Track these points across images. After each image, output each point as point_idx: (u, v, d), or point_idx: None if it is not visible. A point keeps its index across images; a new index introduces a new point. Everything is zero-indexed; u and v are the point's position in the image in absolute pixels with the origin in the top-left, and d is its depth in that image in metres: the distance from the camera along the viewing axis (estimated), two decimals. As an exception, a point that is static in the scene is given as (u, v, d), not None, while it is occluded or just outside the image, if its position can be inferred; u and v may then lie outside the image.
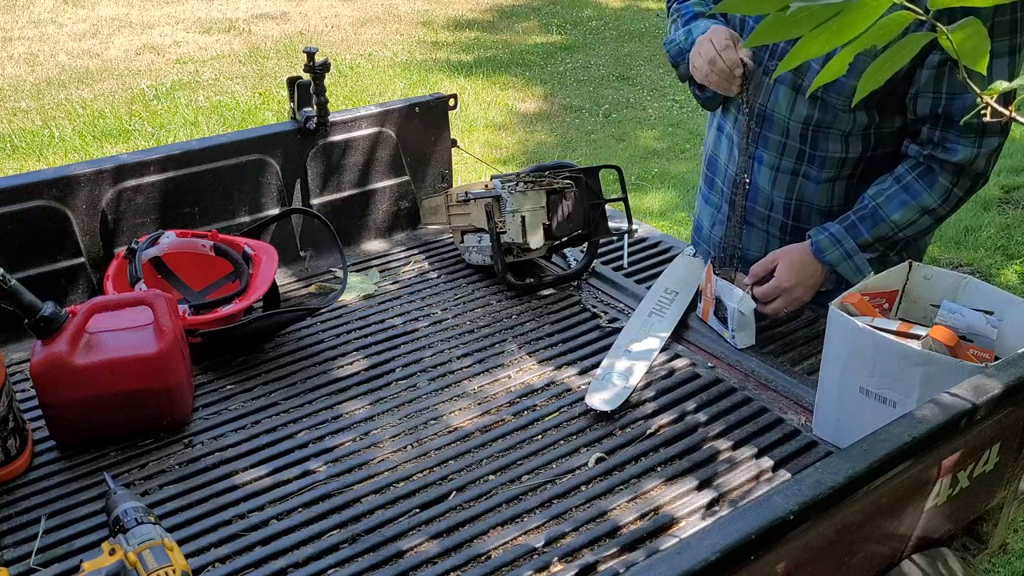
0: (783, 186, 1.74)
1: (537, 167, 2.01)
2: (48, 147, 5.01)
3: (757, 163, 1.76)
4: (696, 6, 1.82)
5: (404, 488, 1.40)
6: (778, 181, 1.74)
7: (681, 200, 4.56)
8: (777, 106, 1.67)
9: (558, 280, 2.00)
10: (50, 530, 1.34)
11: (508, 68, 6.54)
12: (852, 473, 0.97)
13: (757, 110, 1.71)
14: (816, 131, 1.65)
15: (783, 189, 1.75)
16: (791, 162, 1.71)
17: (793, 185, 1.73)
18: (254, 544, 1.30)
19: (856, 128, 1.62)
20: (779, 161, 1.72)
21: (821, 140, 1.66)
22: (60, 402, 1.46)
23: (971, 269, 3.84)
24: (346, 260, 1.95)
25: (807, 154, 1.69)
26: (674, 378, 1.64)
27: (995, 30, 1.45)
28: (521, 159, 5.02)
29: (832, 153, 1.67)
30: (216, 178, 1.99)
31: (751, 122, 1.71)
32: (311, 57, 2.02)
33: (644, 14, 8.07)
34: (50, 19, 7.46)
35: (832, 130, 1.64)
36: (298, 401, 1.62)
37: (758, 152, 1.75)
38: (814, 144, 1.67)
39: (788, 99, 1.65)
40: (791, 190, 1.74)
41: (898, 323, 1.38)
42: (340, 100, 5.64)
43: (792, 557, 0.99)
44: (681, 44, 1.76)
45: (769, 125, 1.71)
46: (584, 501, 1.35)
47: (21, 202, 1.78)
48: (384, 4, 8.13)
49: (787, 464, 1.43)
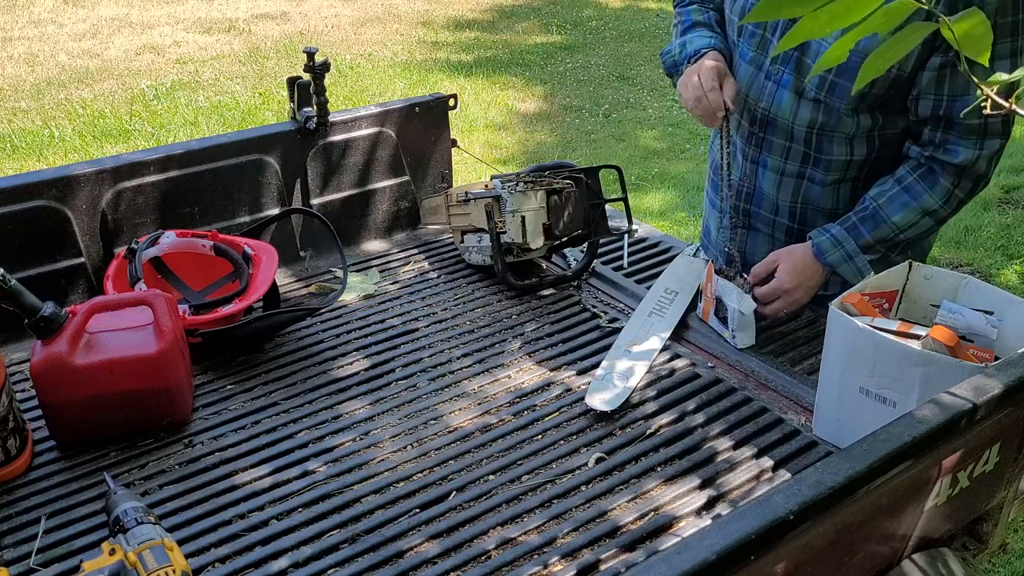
0: (788, 190, 1.74)
1: (537, 167, 2.01)
2: (48, 147, 5.01)
3: (761, 167, 1.75)
4: (695, 13, 1.83)
5: (404, 488, 1.40)
6: (783, 185, 1.74)
7: (681, 200, 4.56)
8: (781, 110, 1.67)
9: (558, 280, 2.00)
10: (50, 530, 1.33)
11: (508, 68, 6.54)
12: (852, 473, 0.97)
13: (760, 115, 1.70)
14: (820, 135, 1.65)
15: (788, 193, 1.75)
16: (796, 166, 1.71)
17: (798, 188, 1.73)
18: (254, 544, 1.30)
19: (860, 131, 1.62)
20: (784, 165, 1.72)
21: (825, 143, 1.66)
22: (60, 402, 1.46)
23: (971, 269, 3.84)
24: (346, 260, 1.95)
25: (812, 157, 1.68)
26: (674, 378, 1.64)
27: (997, 32, 1.43)
28: (521, 159, 5.02)
29: (837, 156, 1.66)
30: (216, 178, 1.99)
31: (728, 148, 1.73)
32: (311, 57, 2.02)
33: (644, 14, 8.07)
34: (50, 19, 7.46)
35: (836, 133, 1.63)
36: (298, 401, 1.62)
37: (762, 157, 1.74)
38: (818, 147, 1.67)
39: (792, 103, 1.65)
40: (796, 193, 1.74)
41: (898, 323, 1.38)
42: (340, 100, 5.65)
43: (792, 557, 0.99)
44: (676, 57, 1.78)
45: (773, 129, 1.70)
46: (584, 501, 1.35)
47: (21, 202, 1.78)
48: (384, 4, 8.13)
49: (787, 464, 1.43)
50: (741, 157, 1.78)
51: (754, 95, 1.71)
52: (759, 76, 1.68)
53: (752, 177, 1.78)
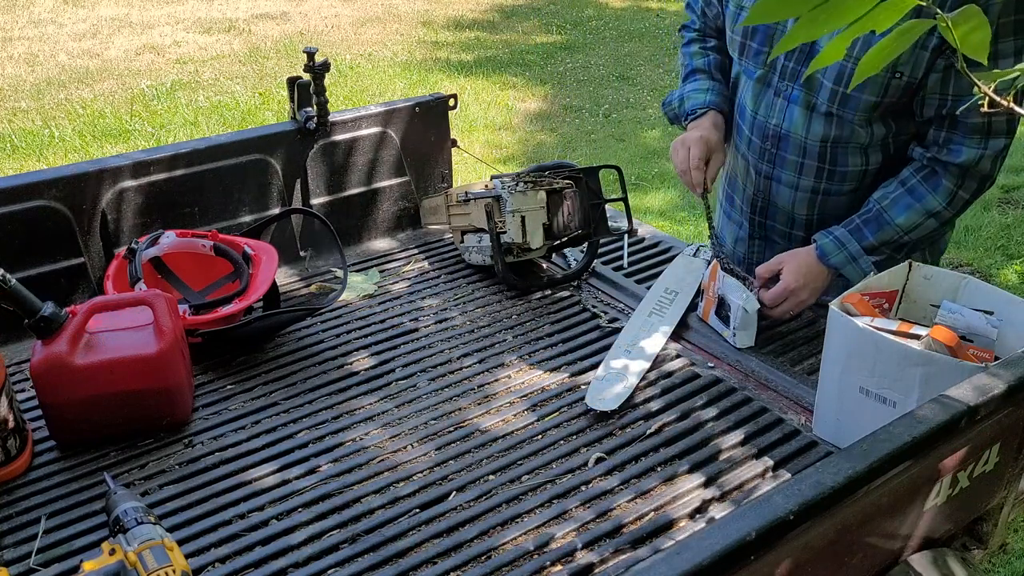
0: (803, 204, 1.73)
1: (537, 167, 2.01)
2: (48, 147, 5.01)
3: (775, 183, 1.75)
4: (696, 57, 1.88)
5: (404, 488, 1.40)
6: (798, 200, 1.73)
7: (681, 200, 4.55)
8: (793, 126, 1.66)
9: (558, 280, 2.00)
10: (50, 530, 1.34)
11: (508, 68, 6.54)
12: (852, 473, 0.97)
13: (772, 131, 1.70)
14: (835, 147, 1.64)
15: (804, 206, 1.74)
16: (810, 180, 1.70)
17: (813, 202, 1.72)
18: (254, 544, 1.30)
19: (875, 140, 1.61)
20: (798, 180, 1.71)
21: (840, 156, 1.65)
22: (60, 402, 1.46)
23: (971, 269, 3.84)
24: (346, 260, 1.95)
25: (826, 171, 1.67)
26: (674, 378, 1.64)
27: (1000, 31, 1.43)
28: (521, 159, 5.02)
29: (852, 167, 1.65)
30: (216, 178, 1.99)
31: (712, 222, 1.80)
32: (311, 57, 2.02)
33: (644, 14, 8.07)
34: (50, 19, 7.46)
35: (851, 145, 1.63)
36: (298, 401, 1.62)
37: (775, 172, 1.73)
38: (833, 160, 1.66)
39: (804, 119, 1.64)
40: (812, 207, 1.73)
41: (898, 323, 1.38)
42: (340, 100, 5.65)
43: (792, 557, 0.99)
44: (676, 110, 1.88)
45: (786, 145, 1.69)
46: (584, 501, 1.35)
47: (21, 202, 1.78)
48: (384, 4, 8.13)
49: (787, 464, 1.43)
50: (754, 173, 1.78)
51: (764, 113, 1.70)
52: (768, 93, 1.68)
53: (766, 192, 1.77)
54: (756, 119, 1.72)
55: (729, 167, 1.91)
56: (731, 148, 1.88)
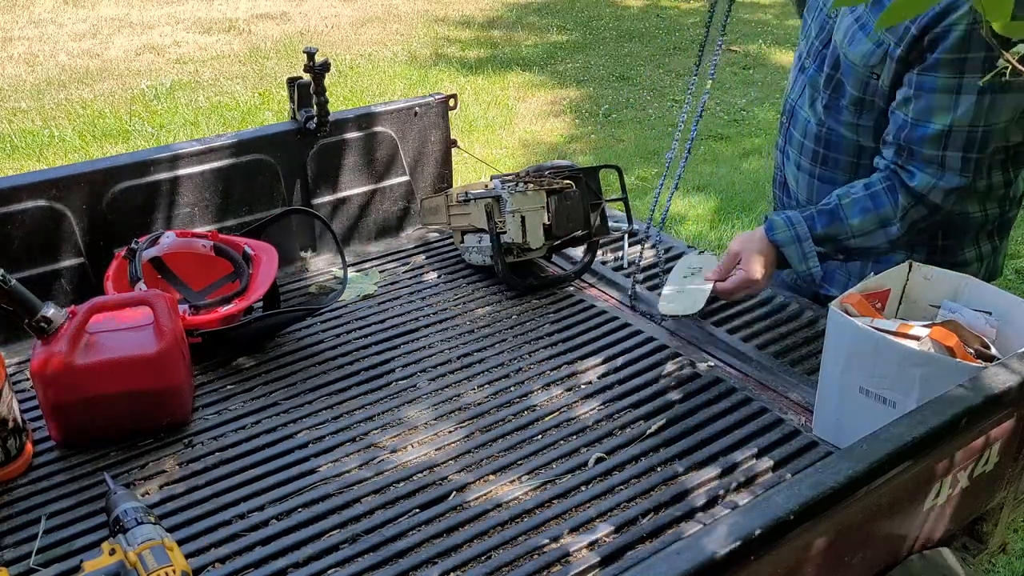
0: (804, 187, 1.75)
1: (537, 167, 2.01)
2: (48, 147, 5.00)
3: (787, 159, 1.80)
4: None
5: (404, 488, 1.40)
6: (800, 182, 1.76)
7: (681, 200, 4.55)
8: (801, 101, 1.72)
9: (558, 280, 2.00)
10: (50, 530, 1.33)
11: (508, 67, 6.54)
12: (852, 473, 0.97)
13: (789, 105, 1.77)
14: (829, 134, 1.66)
15: (804, 190, 1.75)
16: (807, 162, 1.72)
17: (812, 187, 1.73)
18: (254, 544, 1.30)
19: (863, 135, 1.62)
20: (799, 160, 1.75)
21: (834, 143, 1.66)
22: (60, 402, 1.46)
23: (971, 269, 3.84)
24: (346, 260, 1.95)
25: (821, 155, 1.69)
26: (674, 378, 1.64)
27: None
28: (521, 159, 5.02)
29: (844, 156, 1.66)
30: (216, 178, 1.99)
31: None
32: (311, 57, 2.02)
33: (645, 14, 8.08)
34: (50, 19, 7.46)
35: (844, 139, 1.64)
36: (298, 401, 1.62)
37: (787, 148, 1.79)
38: (827, 145, 1.68)
39: (809, 98, 1.69)
40: (811, 191, 1.74)
41: (898, 323, 1.38)
42: (340, 100, 5.64)
43: (792, 557, 0.99)
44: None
45: (795, 122, 1.75)
46: (584, 501, 1.35)
47: (21, 202, 1.78)
48: (384, 4, 8.13)
49: (787, 464, 1.43)
50: (776, 148, 1.85)
51: (789, 86, 1.78)
52: (796, 68, 1.76)
53: (782, 169, 1.83)
54: (787, 92, 1.79)
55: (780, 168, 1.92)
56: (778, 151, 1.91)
